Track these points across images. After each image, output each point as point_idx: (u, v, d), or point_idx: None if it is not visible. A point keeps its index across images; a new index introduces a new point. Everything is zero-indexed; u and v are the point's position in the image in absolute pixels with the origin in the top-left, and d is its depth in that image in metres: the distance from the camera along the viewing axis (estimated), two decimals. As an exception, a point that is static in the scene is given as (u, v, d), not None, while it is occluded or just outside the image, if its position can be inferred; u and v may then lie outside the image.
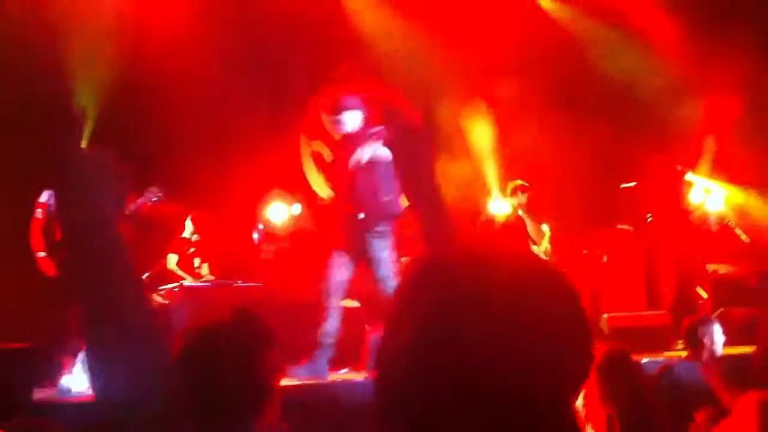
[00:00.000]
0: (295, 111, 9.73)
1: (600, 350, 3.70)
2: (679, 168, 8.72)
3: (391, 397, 1.02)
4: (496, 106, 9.25)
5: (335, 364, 6.14)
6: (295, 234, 8.52)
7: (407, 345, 0.98)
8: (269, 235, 8.50)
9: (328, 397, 5.41)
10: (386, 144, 6.21)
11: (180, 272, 8.01)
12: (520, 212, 8.38)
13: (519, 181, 8.51)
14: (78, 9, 7.64)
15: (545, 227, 8.42)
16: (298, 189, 9.10)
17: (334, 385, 5.81)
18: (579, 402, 3.80)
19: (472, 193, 9.04)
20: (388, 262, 5.99)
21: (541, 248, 8.23)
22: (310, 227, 8.74)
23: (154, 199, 6.69)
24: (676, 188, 8.74)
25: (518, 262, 1.02)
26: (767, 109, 9.06)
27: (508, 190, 8.49)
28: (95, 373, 5.05)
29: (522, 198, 8.39)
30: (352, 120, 6.22)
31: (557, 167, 8.84)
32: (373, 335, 6.34)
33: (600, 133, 9.14)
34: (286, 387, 5.45)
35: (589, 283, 8.17)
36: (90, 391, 5.33)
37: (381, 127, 6.23)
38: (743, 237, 8.32)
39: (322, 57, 9.11)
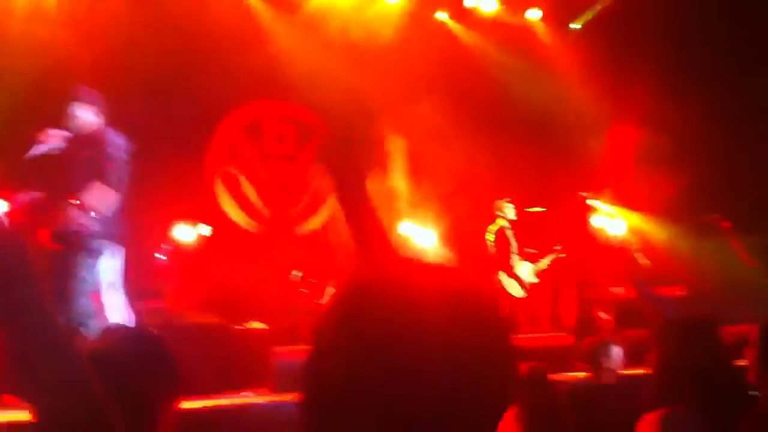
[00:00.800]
0: (206, 134, 9.66)
1: (522, 371, 3.74)
2: (583, 194, 8.98)
3: (320, 419, 1.02)
4: (412, 129, 9.34)
5: (237, 386, 5.99)
6: (202, 254, 8.37)
7: (336, 370, 0.99)
8: (176, 255, 8.31)
9: (229, 420, 5.27)
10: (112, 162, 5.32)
11: None
12: (506, 230, 8.43)
13: (505, 200, 8.50)
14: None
15: (559, 247, 8.47)
16: (206, 209, 9.00)
17: (236, 408, 5.66)
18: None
19: (388, 215, 9.08)
20: (82, 283, 5.21)
21: (538, 265, 8.31)
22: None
23: None
24: (581, 213, 9.00)
25: (445, 290, 1.03)
26: (668, 140, 9.44)
27: (496, 209, 8.47)
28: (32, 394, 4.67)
29: (509, 213, 8.38)
30: (81, 115, 5.38)
31: (470, 189, 8.98)
32: (278, 357, 6.23)
33: (509, 158, 9.35)
34: (187, 410, 5.32)
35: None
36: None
37: (122, 138, 5.44)
38: (643, 261, 8.59)
39: (236, 82, 9.05)
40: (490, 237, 8.39)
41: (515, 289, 8.27)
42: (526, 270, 8.39)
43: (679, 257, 8.94)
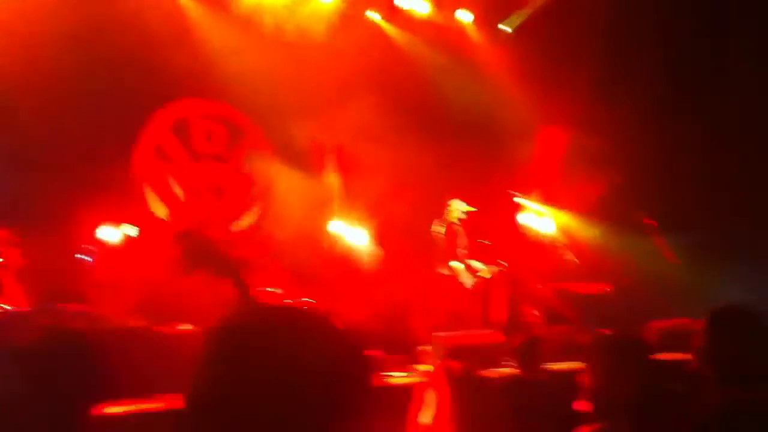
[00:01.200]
0: (133, 133, 9.44)
1: (455, 369, 3.75)
2: (513, 193, 9.12)
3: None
4: (344, 128, 9.32)
5: (164, 390, 5.84)
6: (129, 255, 8.16)
7: (207, 391, 1.19)
8: (101, 256, 8.10)
9: (154, 424, 5.16)
10: None
11: None
12: (456, 226, 8.65)
13: (455, 199, 8.75)
14: None
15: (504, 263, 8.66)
16: (133, 210, 8.80)
17: (161, 412, 5.54)
18: (428, 420, 3.81)
19: (322, 214, 9.06)
20: None
21: (481, 272, 8.47)
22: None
23: None
24: (510, 212, 9.14)
25: (296, 323, 1.24)
26: (596, 141, 9.66)
27: (447, 207, 8.73)
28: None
29: (459, 214, 8.58)
30: None
31: (403, 188, 9.03)
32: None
33: (441, 159, 9.42)
34: (111, 414, 5.17)
35: (424, 300, 8.39)
36: None
37: None
38: (570, 258, 8.79)
39: (165, 80, 8.88)
40: (440, 230, 8.55)
41: (466, 277, 8.50)
42: (476, 265, 8.62)
43: (605, 255, 9.16)
